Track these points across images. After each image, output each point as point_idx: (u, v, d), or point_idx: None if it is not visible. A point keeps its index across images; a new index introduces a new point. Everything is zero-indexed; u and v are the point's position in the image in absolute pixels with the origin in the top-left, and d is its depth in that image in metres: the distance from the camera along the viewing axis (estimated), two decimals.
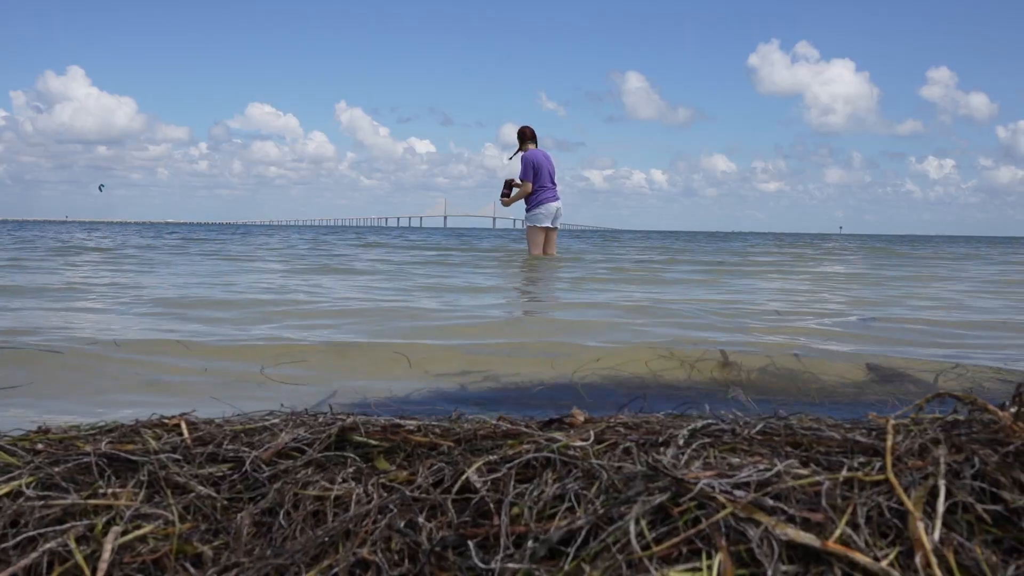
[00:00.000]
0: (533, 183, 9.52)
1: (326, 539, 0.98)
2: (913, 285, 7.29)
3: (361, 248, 15.45)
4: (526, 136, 9.70)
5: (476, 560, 0.89)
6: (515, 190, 9.71)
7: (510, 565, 0.88)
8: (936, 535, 0.85)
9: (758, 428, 1.15)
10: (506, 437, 1.19)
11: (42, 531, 0.99)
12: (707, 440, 1.11)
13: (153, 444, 1.22)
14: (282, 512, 1.06)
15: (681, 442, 1.09)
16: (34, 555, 0.95)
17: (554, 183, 9.66)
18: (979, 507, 0.89)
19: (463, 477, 1.05)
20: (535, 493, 1.00)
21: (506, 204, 9.90)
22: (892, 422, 1.09)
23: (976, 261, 13.16)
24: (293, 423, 1.31)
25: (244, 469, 1.15)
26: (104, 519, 1.02)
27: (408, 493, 1.04)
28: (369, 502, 1.04)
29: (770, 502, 0.90)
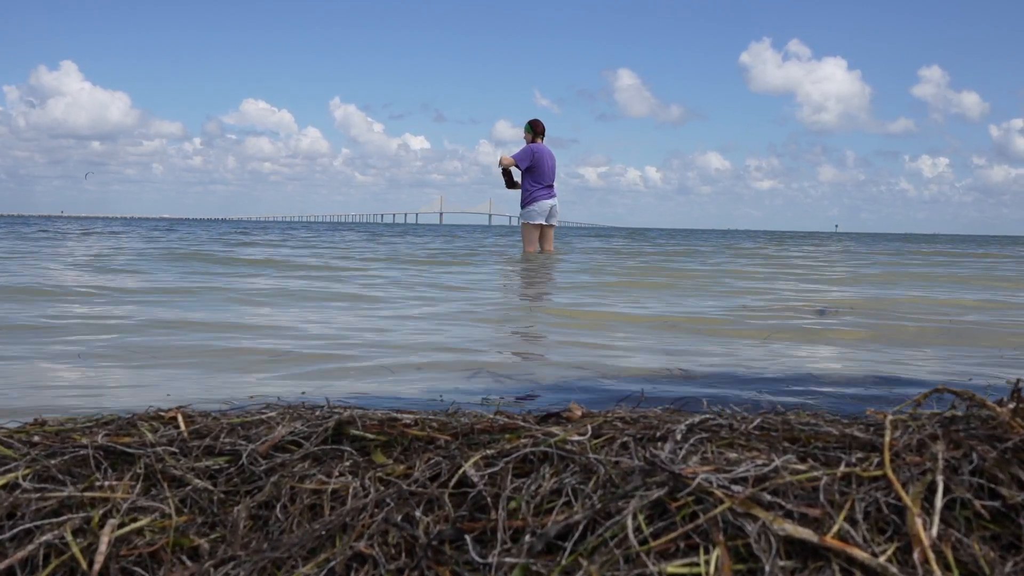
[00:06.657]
0: (530, 176, 9.56)
1: (323, 533, 0.98)
2: None
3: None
4: (536, 130, 9.75)
5: (473, 554, 0.89)
6: (516, 176, 9.77)
7: (507, 559, 0.88)
8: (934, 531, 0.85)
9: (756, 423, 1.15)
10: (503, 431, 1.19)
11: (38, 523, 0.98)
12: (705, 435, 1.10)
13: (150, 437, 1.22)
14: (279, 506, 1.05)
15: (679, 437, 1.09)
16: (30, 547, 0.94)
17: (552, 181, 9.70)
18: (977, 503, 0.89)
19: (460, 471, 1.05)
20: (532, 487, 1.00)
21: (510, 186, 9.86)
22: (890, 418, 1.09)
23: None
24: (290, 416, 1.31)
25: (241, 462, 1.15)
26: (101, 512, 1.02)
27: (405, 487, 1.04)
28: (366, 496, 1.04)
29: (768, 497, 0.90)
